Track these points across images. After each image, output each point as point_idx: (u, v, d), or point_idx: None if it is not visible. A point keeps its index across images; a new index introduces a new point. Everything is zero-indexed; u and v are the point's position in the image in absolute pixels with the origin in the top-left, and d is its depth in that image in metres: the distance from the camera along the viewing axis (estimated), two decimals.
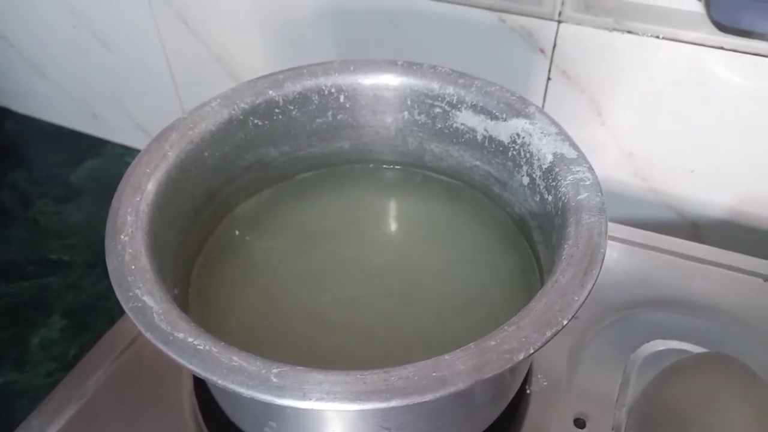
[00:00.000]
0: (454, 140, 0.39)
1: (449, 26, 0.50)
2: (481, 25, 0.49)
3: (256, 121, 0.38)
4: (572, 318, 0.25)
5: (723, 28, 0.39)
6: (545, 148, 0.33)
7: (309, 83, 0.38)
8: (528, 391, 0.37)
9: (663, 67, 0.45)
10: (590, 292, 0.26)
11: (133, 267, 0.28)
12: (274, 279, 0.37)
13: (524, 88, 0.51)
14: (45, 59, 0.78)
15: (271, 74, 0.38)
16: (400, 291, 0.37)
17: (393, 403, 0.23)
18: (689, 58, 0.44)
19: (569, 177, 0.31)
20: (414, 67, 0.38)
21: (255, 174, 0.40)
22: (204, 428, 0.35)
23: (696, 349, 0.39)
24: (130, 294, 0.26)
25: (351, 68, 0.38)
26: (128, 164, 0.32)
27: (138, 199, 0.31)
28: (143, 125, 0.78)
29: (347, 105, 0.39)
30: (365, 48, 0.55)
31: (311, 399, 0.23)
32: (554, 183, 0.32)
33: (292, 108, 0.38)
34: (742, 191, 0.49)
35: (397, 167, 0.43)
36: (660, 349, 0.39)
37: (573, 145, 0.33)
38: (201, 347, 0.24)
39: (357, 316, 0.35)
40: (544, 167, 0.33)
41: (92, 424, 0.36)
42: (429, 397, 0.23)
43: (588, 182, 0.31)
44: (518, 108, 0.35)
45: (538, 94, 0.51)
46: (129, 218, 0.30)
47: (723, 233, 0.52)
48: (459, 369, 0.23)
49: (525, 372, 0.37)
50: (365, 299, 0.36)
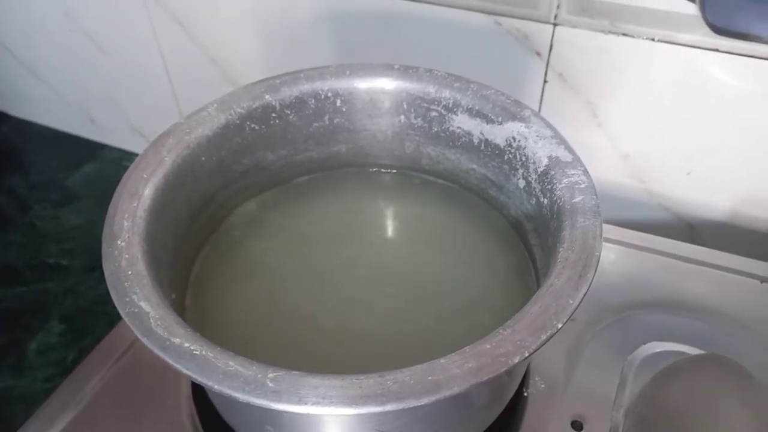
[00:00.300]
0: (451, 144, 0.39)
1: (445, 30, 0.50)
2: (477, 29, 0.49)
3: (253, 126, 0.38)
4: (567, 321, 0.25)
5: (718, 31, 0.39)
6: (541, 152, 0.33)
7: (306, 87, 0.38)
8: (525, 394, 0.37)
9: (659, 70, 0.45)
10: (585, 295, 0.26)
11: (130, 272, 0.28)
12: (272, 283, 0.37)
13: (521, 91, 0.51)
14: (41, 63, 0.78)
15: (268, 79, 0.38)
16: (398, 293, 0.37)
17: (389, 407, 0.23)
18: (685, 61, 0.44)
19: (564, 180, 0.32)
20: (410, 71, 0.38)
21: (252, 178, 0.40)
22: None
23: (693, 351, 0.39)
24: (127, 299, 0.26)
25: (347, 72, 0.39)
26: (126, 168, 0.32)
27: (135, 205, 0.31)
28: (140, 129, 0.78)
29: (344, 109, 0.39)
30: (362, 52, 0.55)
31: (307, 403, 0.23)
32: (550, 186, 0.32)
33: (289, 112, 0.38)
34: (739, 193, 0.49)
35: (394, 171, 0.43)
36: (657, 351, 0.39)
37: (568, 149, 0.33)
38: (197, 352, 0.24)
39: (354, 320, 0.35)
40: (540, 170, 0.33)
41: (90, 429, 0.36)
42: (424, 401, 0.23)
43: (583, 185, 0.31)
44: (514, 111, 0.35)
45: (535, 97, 0.51)
46: (126, 224, 0.30)
47: (720, 235, 0.52)
48: (454, 372, 0.23)
49: (522, 374, 0.37)
50: (363, 302, 0.36)
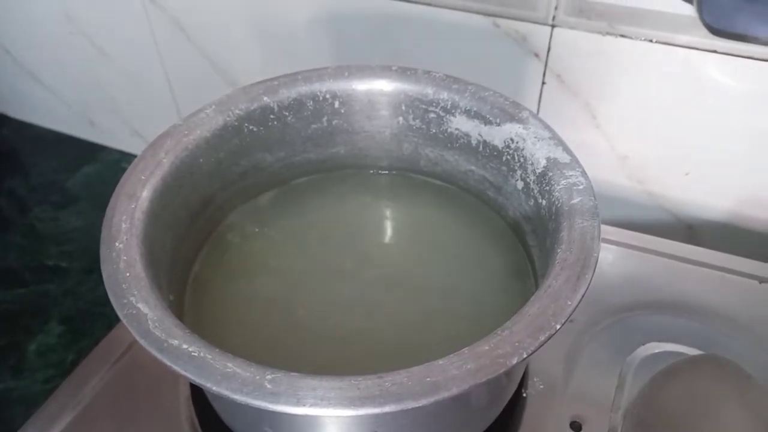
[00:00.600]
0: (449, 145, 0.39)
1: (443, 31, 0.50)
2: (476, 30, 0.49)
3: (251, 128, 0.38)
4: (566, 322, 0.25)
5: (715, 32, 0.39)
6: (539, 153, 0.33)
7: (304, 89, 0.38)
8: (524, 395, 0.37)
9: (656, 71, 0.45)
10: (583, 297, 0.26)
11: (128, 274, 0.28)
12: (270, 284, 0.37)
13: (519, 93, 0.51)
14: (41, 65, 0.78)
15: (266, 80, 0.38)
16: (396, 294, 0.37)
17: (387, 409, 0.23)
18: (682, 62, 0.44)
19: (562, 181, 0.32)
20: (408, 73, 0.38)
21: (250, 180, 0.40)
22: None
23: (691, 352, 0.39)
24: (125, 301, 0.26)
25: (345, 74, 0.39)
26: (125, 170, 0.32)
27: (133, 207, 0.31)
28: (139, 131, 0.78)
29: (342, 110, 0.39)
30: (360, 53, 0.55)
31: (305, 405, 0.23)
32: (548, 187, 0.32)
33: (287, 114, 0.39)
34: (738, 193, 0.49)
35: (393, 172, 0.43)
36: (656, 352, 0.39)
37: (566, 150, 0.33)
38: (195, 354, 0.24)
39: (353, 321, 0.35)
40: (538, 172, 0.33)
41: (89, 431, 0.36)
42: (423, 402, 0.23)
43: (581, 186, 0.31)
44: (512, 113, 0.35)
45: (533, 98, 0.51)
46: (124, 226, 0.30)
47: (718, 235, 0.52)
48: (453, 374, 0.24)
49: (521, 375, 0.37)
50: (361, 303, 0.36)
